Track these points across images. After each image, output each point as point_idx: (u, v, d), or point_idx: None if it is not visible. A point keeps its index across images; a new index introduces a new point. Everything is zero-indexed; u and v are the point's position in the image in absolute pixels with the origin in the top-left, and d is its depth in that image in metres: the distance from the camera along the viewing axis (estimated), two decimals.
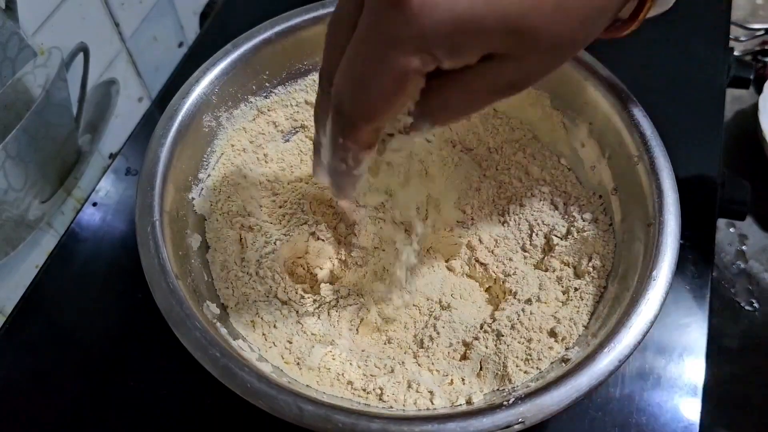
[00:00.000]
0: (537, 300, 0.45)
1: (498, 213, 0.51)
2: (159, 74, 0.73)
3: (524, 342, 0.42)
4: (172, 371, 0.46)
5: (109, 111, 0.64)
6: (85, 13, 0.60)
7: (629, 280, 0.41)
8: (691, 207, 0.51)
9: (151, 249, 0.40)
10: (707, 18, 0.66)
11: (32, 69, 0.52)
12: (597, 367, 0.36)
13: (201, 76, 0.48)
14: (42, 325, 0.49)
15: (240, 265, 0.46)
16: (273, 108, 0.53)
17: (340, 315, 0.46)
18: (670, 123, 0.56)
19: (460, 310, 0.46)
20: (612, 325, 0.39)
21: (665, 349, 0.47)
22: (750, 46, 1.02)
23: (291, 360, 0.42)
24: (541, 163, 0.52)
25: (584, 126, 0.50)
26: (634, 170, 0.45)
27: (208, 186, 0.49)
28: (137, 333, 0.48)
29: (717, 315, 0.80)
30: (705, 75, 0.61)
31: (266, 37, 0.50)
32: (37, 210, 0.56)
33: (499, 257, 0.49)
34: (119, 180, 0.56)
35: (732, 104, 0.96)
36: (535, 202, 0.51)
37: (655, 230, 0.41)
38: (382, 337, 0.46)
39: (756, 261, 0.85)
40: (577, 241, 0.48)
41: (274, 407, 0.35)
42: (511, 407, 0.35)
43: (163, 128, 0.45)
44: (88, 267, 0.51)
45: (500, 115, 0.55)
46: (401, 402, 0.40)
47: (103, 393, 0.46)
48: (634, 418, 0.44)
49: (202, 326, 0.37)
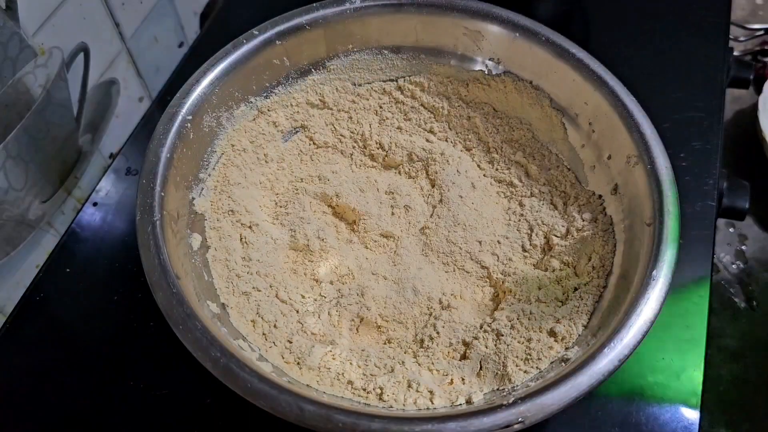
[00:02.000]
0: (537, 300, 0.45)
1: (498, 213, 0.51)
2: (159, 74, 0.73)
3: (524, 342, 0.42)
4: (172, 371, 0.46)
5: (109, 111, 0.64)
6: (85, 13, 0.60)
7: (629, 280, 0.41)
8: (691, 207, 0.52)
9: (151, 249, 0.40)
10: (707, 18, 0.66)
11: (33, 69, 0.52)
12: (597, 367, 0.36)
13: (201, 76, 0.48)
14: (42, 325, 0.49)
15: (240, 265, 0.46)
16: (273, 108, 0.53)
17: (341, 315, 0.46)
18: (670, 123, 0.57)
19: (460, 310, 0.46)
20: (612, 325, 0.39)
21: (665, 349, 0.47)
22: (750, 46, 1.02)
23: (291, 360, 0.42)
24: (541, 163, 0.52)
25: (584, 126, 0.50)
26: (634, 170, 0.45)
27: (208, 186, 0.49)
28: (137, 333, 0.48)
29: (717, 315, 0.80)
30: (705, 75, 0.61)
31: (266, 37, 0.50)
32: (38, 210, 0.56)
33: (499, 257, 0.49)
34: (120, 180, 0.56)
35: (732, 104, 0.96)
36: (534, 202, 0.51)
37: (655, 230, 0.41)
38: (382, 337, 0.46)
39: (756, 261, 0.85)
40: (576, 241, 0.48)
41: (274, 407, 0.35)
42: (511, 407, 0.35)
43: (163, 128, 0.45)
44: (88, 267, 0.51)
45: (500, 114, 0.55)
46: (401, 401, 0.40)
47: (103, 393, 0.46)
48: (633, 417, 0.44)
49: (203, 326, 0.37)
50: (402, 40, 0.54)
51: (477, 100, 0.55)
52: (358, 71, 0.55)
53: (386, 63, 0.55)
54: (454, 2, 0.52)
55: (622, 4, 0.69)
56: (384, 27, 0.53)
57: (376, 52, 0.55)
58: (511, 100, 0.54)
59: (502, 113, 0.55)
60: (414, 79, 0.56)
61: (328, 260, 0.49)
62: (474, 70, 0.54)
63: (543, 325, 0.43)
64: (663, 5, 0.68)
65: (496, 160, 0.54)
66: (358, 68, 0.55)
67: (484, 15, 0.52)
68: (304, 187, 0.52)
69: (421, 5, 0.52)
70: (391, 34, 0.54)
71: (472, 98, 0.55)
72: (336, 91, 0.55)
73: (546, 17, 0.53)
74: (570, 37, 0.50)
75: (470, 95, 0.55)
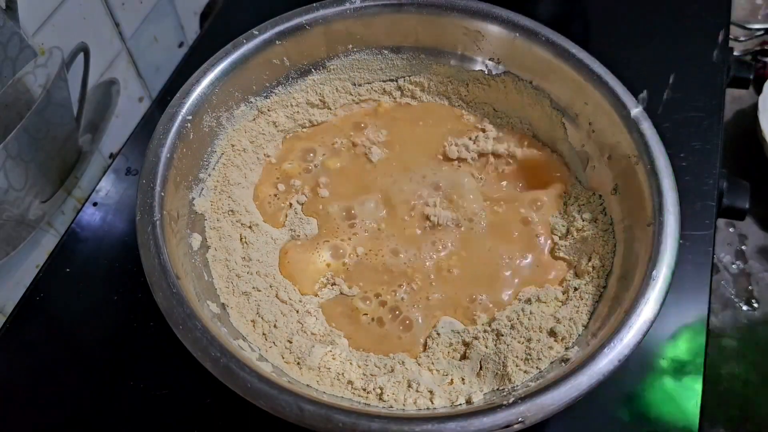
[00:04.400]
0: (537, 300, 0.45)
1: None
2: (159, 74, 0.73)
3: (524, 342, 0.42)
4: (172, 371, 0.46)
5: (109, 111, 0.64)
6: (85, 13, 0.60)
7: (629, 280, 0.41)
8: (691, 207, 0.52)
9: (151, 249, 0.40)
10: (707, 18, 0.66)
11: (33, 69, 0.52)
12: (597, 367, 0.36)
13: (201, 76, 0.48)
14: (42, 325, 0.49)
15: (240, 265, 0.46)
16: (273, 108, 0.53)
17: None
18: (670, 123, 0.57)
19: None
20: (612, 325, 0.39)
21: (665, 349, 0.47)
22: (750, 46, 1.02)
23: (291, 360, 0.42)
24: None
25: (584, 126, 0.50)
26: (634, 170, 0.45)
27: (208, 186, 0.49)
28: (137, 333, 0.48)
29: (717, 315, 0.80)
30: (705, 75, 0.61)
31: (266, 37, 0.50)
32: (38, 210, 0.56)
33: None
34: (120, 180, 0.56)
35: (732, 104, 0.96)
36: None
37: (655, 230, 0.41)
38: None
39: (756, 261, 0.85)
40: (576, 241, 0.48)
41: (274, 407, 0.35)
42: (511, 407, 0.35)
43: (163, 128, 0.45)
44: (88, 267, 0.51)
45: (500, 114, 0.55)
46: (401, 401, 0.40)
47: (103, 393, 0.46)
48: (634, 417, 0.44)
49: (203, 326, 0.37)
50: (402, 40, 0.54)
51: (477, 100, 0.55)
52: (358, 71, 0.55)
53: (386, 63, 0.55)
54: (454, 2, 0.52)
55: (622, 4, 0.69)
56: (384, 27, 0.53)
57: (376, 52, 0.55)
58: (511, 100, 0.54)
59: (502, 113, 0.55)
60: (414, 79, 0.56)
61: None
62: (474, 70, 0.54)
63: (543, 325, 0.43)
64: (663, 5, 0.68)
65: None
66: (358, 68, 0.55)
67: (484, 15, 0.52)
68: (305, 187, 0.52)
69: (421, 5, 0.52)
70: (391, 34, 0.54)
71: (472, 98, 0.55)
72: (336, 91, 0.55)
73: (546, 17, 0.53)
74: (570, 37, 0.50)
75: (470, 95, 0.55)
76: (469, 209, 0.50)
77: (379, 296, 0.47)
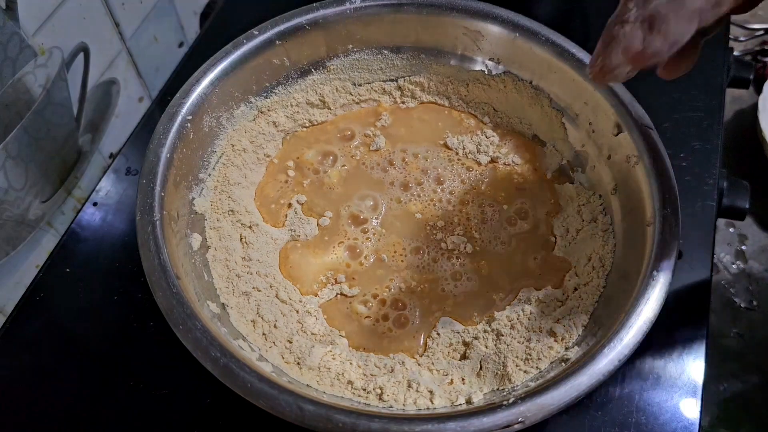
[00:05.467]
0: (537, 300, 0.45)
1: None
2: (159, 74, 0.73)
3: (524, 342, 0.42)
4: (172, 371, 0.46)
5: (109, 111, 0.64)
6: (85, 13, 0.60)
7: (629, 280, 0.41)
8: (691, 207, 0.52)
9: (151, 249, 0.40)
10: None
11: (33, 69, 0.52)
12: (597, 367, 0.36)
13: (201, 76, 0.48)
14: (42, 325, 0.49)
15: (240, 265, 0.47)
16: (273, 108, 0.53)
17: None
18: (670, 123, 0.57)
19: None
20: (612, 325, 0.39)
21: (665, 349, 0.47)
22: (750, 46, 1.02)
23: (291, 360, 0.42)
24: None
25: (584, 126, 0.50)
26: (634, 170, 0.45)
27: (208, 186, 0.49)
28: (137, 333, 0.48)
29: (717, 315, 0.80)
30: (705, 75, 0.61)
31: (266, 37, 0.50)
32: (38, 210, 0.56)
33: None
34: (119, 180, 0.56)
35: (732, 104, 0.96)
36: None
37: (655, 230, 0.41)
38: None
39: (756, 261, 0.85)
40: (576, 241, 0.48)
41: (274, 407, 0.35)
42: (511, 407, 0.35)
43: (163, 128, 0.45)
44: (88, 267, 0.51)
45: (500, 114, 0.55)
46: (401, 401, 0.40)
47: (103, 393, 0.46)
48: (634, 417, 0.44)
49: (203, 326, 0.37)
50: (402, 40, 0.54)
51: (477, 100, 0.55)
52: (358, 71, 0.55)
53: (386, 63, 0.55)
54: (454, 2, 0.52)
55: None
56: (384, 27, 0.53)
57: (376, 52, 0.55)
58: (511, 100, 0.54)
59: (502, 113, 0.55)
60: (414, 79, 0.56)
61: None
62: (474, 70, 0.54)
63: (543, 325, 0.43)
64: None
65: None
66: (358, 68, 0.55)
67: (484, 15, 0.52)
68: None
69: (421, 5, 0.52)
70: (391, 34, 0.54)
71: (472, 98, 0.55)
72: (336, 91, 0.55)
73: (546, 17, 0.53)
74: (570, 37, 0.50)
75: (470, 95, 0.55)
76: (470, 210, 0.50)
77: (377, 296, 0.47)
